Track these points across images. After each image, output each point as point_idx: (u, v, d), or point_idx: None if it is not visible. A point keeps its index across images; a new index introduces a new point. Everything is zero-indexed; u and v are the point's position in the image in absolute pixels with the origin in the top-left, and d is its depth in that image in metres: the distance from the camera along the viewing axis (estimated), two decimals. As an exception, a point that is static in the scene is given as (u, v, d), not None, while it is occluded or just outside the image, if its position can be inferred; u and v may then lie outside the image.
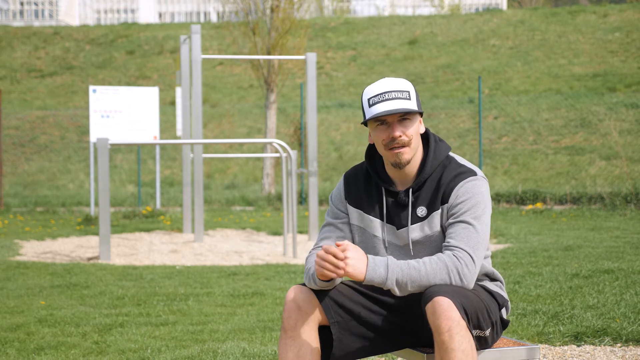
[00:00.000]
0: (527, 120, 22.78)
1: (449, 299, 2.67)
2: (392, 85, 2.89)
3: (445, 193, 2.89)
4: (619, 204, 13.69)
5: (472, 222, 2.84)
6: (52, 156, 25.32)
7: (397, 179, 2.97)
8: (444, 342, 2.65)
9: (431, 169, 2.93)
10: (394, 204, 2.96)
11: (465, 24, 37.55)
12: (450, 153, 2.99)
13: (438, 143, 2.98)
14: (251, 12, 18.80)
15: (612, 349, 4.46)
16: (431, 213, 2.91)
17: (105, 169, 8.96)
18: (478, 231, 2.84)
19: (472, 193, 2.88)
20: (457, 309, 2.66)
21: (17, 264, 8.61)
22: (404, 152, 2.89)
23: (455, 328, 2.65)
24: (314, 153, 10.93)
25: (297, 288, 2.91)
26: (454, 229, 2.85)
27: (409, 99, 2.88)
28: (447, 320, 2.64)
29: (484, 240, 2.85)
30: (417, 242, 2.93)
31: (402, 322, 2.95)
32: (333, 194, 3.09)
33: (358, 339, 2.92)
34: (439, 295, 2.68)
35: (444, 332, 2.64)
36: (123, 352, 4.64)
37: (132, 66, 36.06)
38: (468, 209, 2.85)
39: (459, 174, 2.90)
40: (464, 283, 2.78)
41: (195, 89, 10.85)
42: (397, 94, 2.87)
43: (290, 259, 9.08)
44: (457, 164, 2.94)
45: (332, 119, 26.17)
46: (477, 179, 2.90)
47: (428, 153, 2.95)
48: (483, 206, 2.87)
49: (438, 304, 2.66)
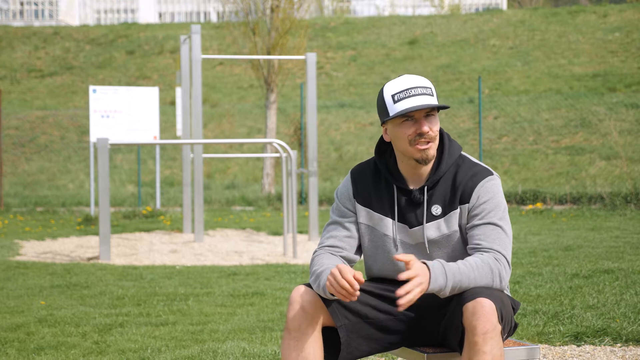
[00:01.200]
0: (527, 120, 22.78)
1: (492, 302, 2.66)
2: (416, 81, 2.87)
3: (465, 192, 2.87)
4: (619, 204, 13.69)
5: (499, 223, 2.84)
6: (52, 156, 25.32)
7: (409, 177, 2.95)
8: (477, 344, 2.64)
9: (446, 167, 2.91)
10: (407, 202, 2.93)
11: (465, 24, 37.54)
12: (462, 152, 2.98)
13: (452, 142, 2.97)
14: (251, 12, 18.80)
15: (612, 349, 4.46)
16: (448, 212, 2.88)
17: (105, 169, 8.96)
18: (507, 233, 2.85)
19: (493, 193, 2.87)
20: (497, 313, 2.66)
21: (17, 264, 8.61)
22: (430, 148, 2.87)
23: (491, 332, 2.64)
24: (314, 153, 10.93)
25: (302, 289, 2.88)
26: (482, 231, 2.83)
27: (432, 95, 2.87)
28: (486, 322, 2.64)
29: (511, 242, 2.86)
30: (432, 241, 2.91)
31: (410, 317, 2.93)
32: (339, 191, 3.04)
33: (366, 340, 2.90)
34: (482, 297, 2.67)
35: (479, 334, 2.63)
36: (123, 352, 4.64)
37: (132, 66, 36.06)
38: (491, 210, 2.85)
39: (476, 173, 2.89)
40: (502, 285, 2.80)
41: (195, 89, 10.85)
42: (423, 90, 2.86)
43: (290, 259, 9.07)
44: (472, 162, 2.93)
45: (332, 119, 26.17)
46: (495, 179, 2.90)
47: (443, 151, 2.93)
48: (504, 207, 2.88)
49: (481, 305, 2.65)
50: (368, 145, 23.71)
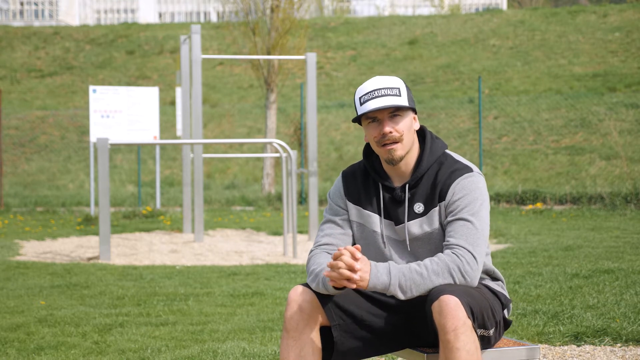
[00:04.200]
0: (527, 120, 22.78)
1: (456, 297, 2.66)
2: (382, 83, 2.92)
3: (442, 190, 2.90)
4: (619, 204, 13.68)
5: (469, 218, 2.84)
6: (52, 156, 25.32)
7: (393, 175, 2.99)
8: (449, 342, 2.64)
9: (427, 166, 2.94)
10: (391, 200, 2.98)
11: (465, 24, 37.54)
12: (447, 150, 3.00)
13: (434, 140, 3.00)
14: (251, 12, 18.80)
15: (612, 349, 4.46)
16: (429, 210, 2.91)
17: (105, 169, 8.96)
18: (477, 227, 2.83)
19: (469, 189, 2.88)
20: (463, 308, 2.65)
21: (17, 264, 8.61)
22: (396, 149, 2.91)
23: (461, 328, 2.64)
24: (314, 153, 10.93)
25: (299, 289, 2.90)
26: (453, 227, 2.85)
27: (399, 96, 2.90)
28: (453, 319, 2.64)
29: (484, 236, 2.85)
30: (415, 239, 2.94)
31: (404, 322, 2.94)
32: (331, 191, 3.10)
33: (359, 342, 2.91)
34: (446, 294, 2.67)
35: (449, 332, 2.64)
36: (123, 352, 4.64)
37: (132, 66, 36.06)
38: (465, 206, 2.86)
39: (455, 170, 2.92)
40: (467, 281, 2.78)
41: (195, 89, 10.85)
42: (387, 91, 2.90)
43: (290, 259, 9.07)
44: (453, 160, 2.95)
45: (332, 119, 26.17)
46: (473, 175, 2.91)
47: (424, 149, 2.97)
48: (480, 202, 2.87)
49: (445, 302, 2.65)
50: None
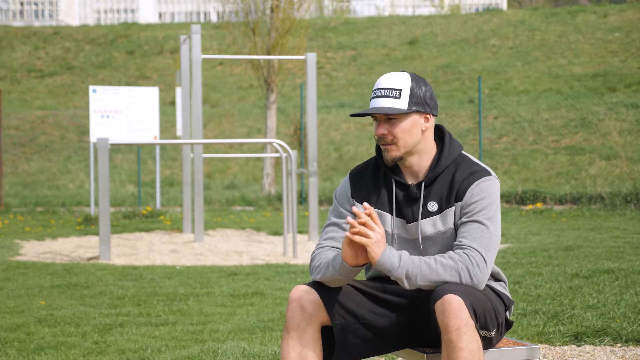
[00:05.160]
0: (527, 120, 22.78)
1: (460, 297, 2.66)
2: (386, 82, 2.89)
3: (460, 190, 2.88)
4: (619, 204, 13.68)
5: (485, 222, 2.83)
6: (52, 156, 25.32)
7: (408, 172, 2.97)
8: (452, 341, 2.64)
9: (445, 165, 2.92)
10: (405, 198, 2.95)
11: (465, 24, 37.53)
12: (463, 152, 3.00)
13: (453, 140, 2.99)
14: (251, 12, 18.79)
15: (612, 349, 4.46)
16: (444, 209, 2.90)
17: (105, 169, 8.96)
18: (491, 231, 2.83)
19: (487, 193, 2.87)
20: (467, 308, 2.65)
21: (17, 264, 8.61)
22: (390, 150, 2.90)
23: (464, 327, 2.64)
24: (314, 153, 10.93)
25: (301, 288, 2.89)
26: (466, 228, 2.84)
27: (398, 98, 2.86)
28: (456, 319, 2.63)
29: (496, 241, 2.84)
30: (427, 238, 2.92)
31: (406, 322, 2.93)
32: (337, 192, 3.06)
33: (361, 341, 2.90)
34: (450, 294, 2.67)
35: (452, 331, 2.63)
36: (123, 352, 4.64)
37: (132, 66, 36.06)
38: (482, 209, 2.85)
39: (474, 172, 2.90)
40: (474, 282, 2.77)
41: (195, 89, 10.85)
42: (387, 92, 2.87)
43: (290, 259, 9.07)
44: (471, 161, 2.95)
45: (332, 119, 26.17)
46: (492, 179, 2.90)
47: (443, 149, 2.95)
48: (496, 207, 2.87)
49: (448, 302, 2.65)
50: (368, 146, 23.71)
